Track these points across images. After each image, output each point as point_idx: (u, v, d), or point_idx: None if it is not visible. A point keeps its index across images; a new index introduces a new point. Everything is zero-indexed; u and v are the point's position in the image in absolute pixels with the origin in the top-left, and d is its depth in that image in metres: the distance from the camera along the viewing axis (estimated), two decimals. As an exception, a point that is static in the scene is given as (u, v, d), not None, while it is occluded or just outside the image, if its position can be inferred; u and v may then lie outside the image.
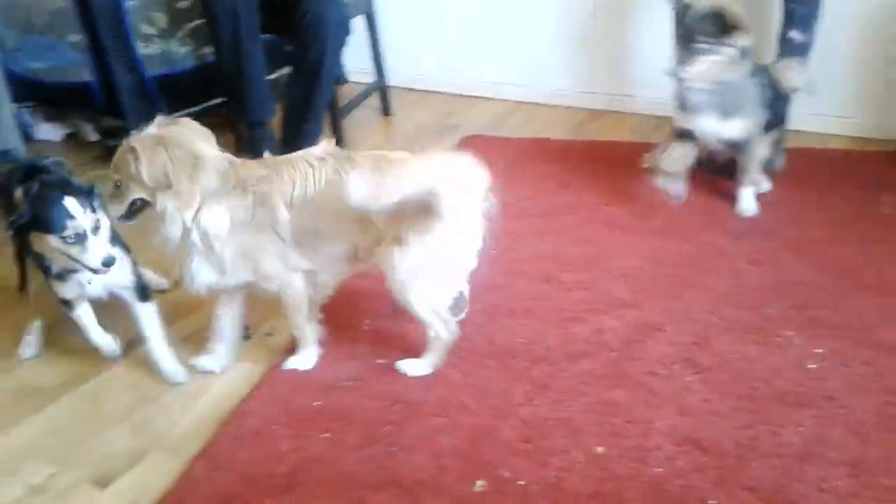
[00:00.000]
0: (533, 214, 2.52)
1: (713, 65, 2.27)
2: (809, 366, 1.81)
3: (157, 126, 1.74)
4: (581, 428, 1.67)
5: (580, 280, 2.17)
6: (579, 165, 2.80)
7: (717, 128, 2.37)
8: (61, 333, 2.07)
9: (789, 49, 2.68)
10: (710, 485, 1.52)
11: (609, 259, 2.26)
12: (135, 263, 1.88)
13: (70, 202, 1.65)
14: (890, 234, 2.33)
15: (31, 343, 2.01)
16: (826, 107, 2.99)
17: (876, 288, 2.08)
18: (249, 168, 1.75)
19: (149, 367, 1.93)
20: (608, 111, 3.42)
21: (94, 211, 1.69)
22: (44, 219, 1.66)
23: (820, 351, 1.86)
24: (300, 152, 1.78)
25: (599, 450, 1.61)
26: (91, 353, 1.97)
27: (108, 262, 1.69)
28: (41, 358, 2.01)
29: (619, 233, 2.39)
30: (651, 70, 3.25)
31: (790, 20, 2.64)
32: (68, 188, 1.68)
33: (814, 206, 2.51)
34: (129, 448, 1.70)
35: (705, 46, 2.25)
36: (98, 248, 1.68)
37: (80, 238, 1.66)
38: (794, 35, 2.65)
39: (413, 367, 1.85)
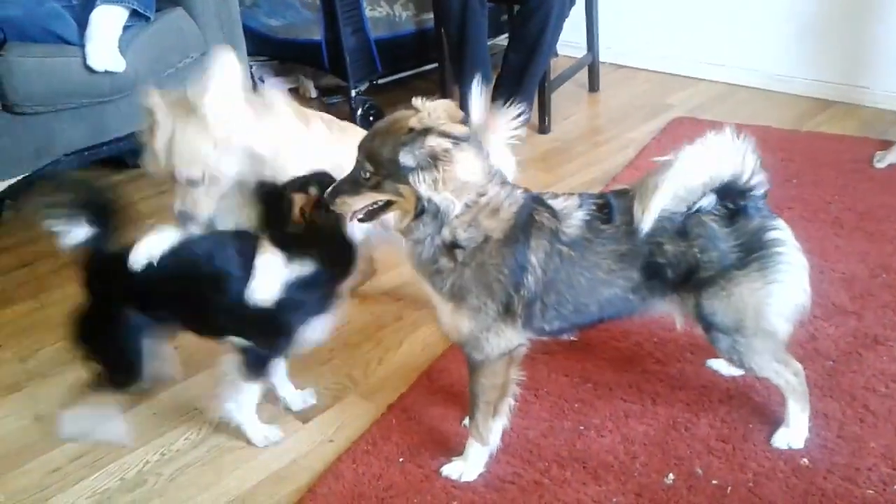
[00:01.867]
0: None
1: None
2: None
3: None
4: (785, 436, 1.57)
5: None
6: (803, 158, 2.61)
7: None
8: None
9: None
10: (931, 518, 1.38)
11: (831, 261, 2.09)
12: None
13: None
14: None
15: None
16: None
17: None
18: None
19: (352, 314, 2.02)
20: (837, 102, 3.15)
21: None
22: None
23: None
24: None
25: (804, 462, 1.51)
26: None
27: None
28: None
29: (843, 234, 2.21)
30: (893, 60, 2.98)
31: None
32: None
33: None
34: (331, 388, 1.81)
35: None
36: None
37: None
38: None
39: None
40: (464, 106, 2.91)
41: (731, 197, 1.40)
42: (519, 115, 1.63)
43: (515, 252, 1.38)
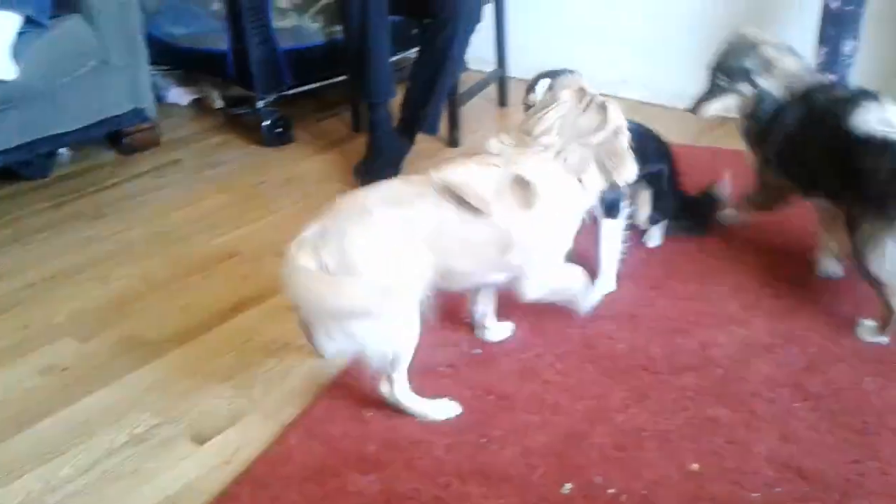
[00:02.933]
0: (645, 218, 2.45)
1: None
2: (931, 406, 1.70)
3: None
4: (678, 443, 1.62)
5: (690, 291, 2.11)
6: (701, 172, 2.70)
7: None
8: (181, 288, 2.18)
9: None
10: (811, 518, 1.45)
11: (723, 272, 2.18)
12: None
13: None
14: None
15: None
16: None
17: None
18: None
19: (254, 330, 2.00)
20: (733, 118, 3.28)
21: None
22: None
23: (944, 391, 1.74)
24: None
25: (695, 467, 1.56)
26: (200, 311, 2.06)
27: None
28: (152, 312, 2.10)
29: (736, 245, 2.30)
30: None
31: None
32: None
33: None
34: (228, 408, 1.76)
35: None
36: None
37: None
38: None
39: None
40: (369, 120, 2.93)
41: None
42: None
43: None
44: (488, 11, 3.27)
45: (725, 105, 2.04)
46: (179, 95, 3.47)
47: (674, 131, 3.12)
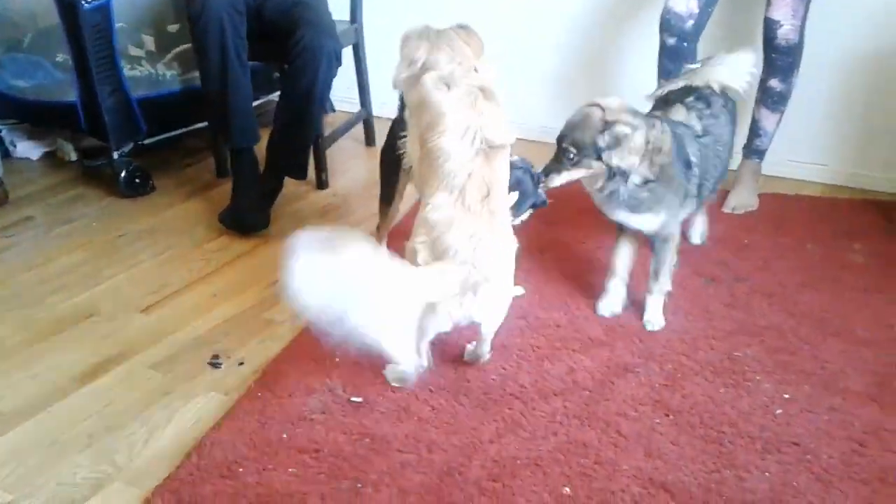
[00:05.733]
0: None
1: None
2: (777, 411, 1.82)
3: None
4: (550, 468, 1.66)
5: (556, 318, 2.18)
6: (558, 202, 2.81)
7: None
8: (33, 355, 2.06)
9: (768, 96, 2.73)
10: (676, 530, 1.51)
11: (586, 298, 2.27)
12: None
13: None
14: (860, 282, 2.36)
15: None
16: (802, 154, 3.05)
17: (844, 335, 2.10)
18: None
19: (115, 393, 1.91)
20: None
21: None
22: None
23: (787, 396, 1.87)
24: None
25: (566, 490, 1.60)
26: (55, 376, 1.95)
27: None
28: (7, 381, 1.98)
29: (596, 272, 2.40)
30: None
31: (771, 69, 2.69)
32: None
33: (787, 251, 2.53)
34: (89, 478, 1.67)
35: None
36: None
37: None
38: (774, 84, 2.71)
39: None
40: (234, 166, 2.89)
41: None
42: None
43: (682, 159, 2.02)
44: (348, 53, 3.31)
45: (572, 177, 2.00)
46: (29, 149, 3.31)
47: (540, 162, 3.25)
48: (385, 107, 3.73)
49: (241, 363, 2.03)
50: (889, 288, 2.32)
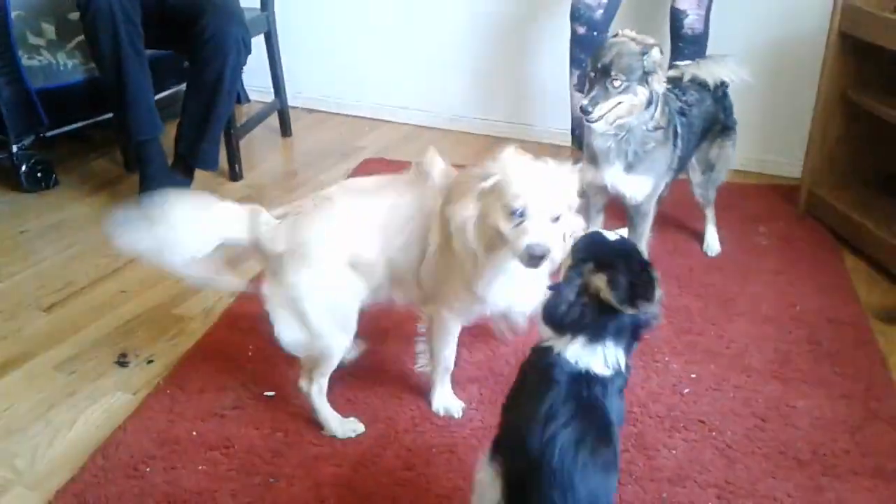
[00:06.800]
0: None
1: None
2: (685, 390, 1.88)
3: None
4: (465, 455, 1.67)
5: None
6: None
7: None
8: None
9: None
10: (587, 510, 1.54)
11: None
12: None
13: None
14: (765, 264, 2.45)
15: None
16: (710, 140, 3.14)
17: (749, 315, 2.17)
18: None
19: (16, 395, 1.83)
20: (507, 138, 3.47)
21: None
22: None
23: (694, 376, 1.93)
24: None
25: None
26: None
27: None
28: None
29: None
30: (548, 100, 3.35)
31: (678, 58, 2.75)
32: None
33: (696, 235, 2.61)
34: (-12, 483, 1.60)
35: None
36: None
37: None
38: None
39: None
40: (138, 158, 2.80)
41: None
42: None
43: (672, 126, 2.16)
44: (259, 42, 3.25)
45: (614, 105, 2.03)
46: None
47: (456, 154, 3.26)
48: (301, 96, 3.70)
49: (150, 361, 1.97)
50: (792, 269, 2.42)
